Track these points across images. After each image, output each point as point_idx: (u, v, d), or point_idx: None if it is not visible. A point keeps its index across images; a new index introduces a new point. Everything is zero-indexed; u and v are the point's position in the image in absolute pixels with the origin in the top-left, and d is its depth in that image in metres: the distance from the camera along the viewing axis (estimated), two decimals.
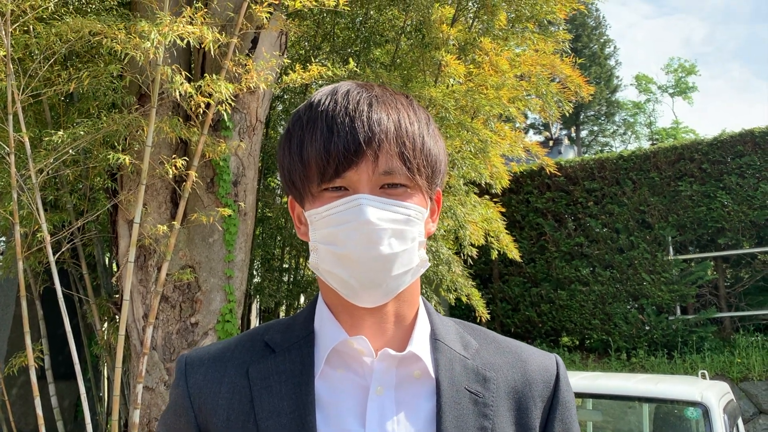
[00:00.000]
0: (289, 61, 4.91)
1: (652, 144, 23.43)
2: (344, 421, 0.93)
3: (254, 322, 7.87)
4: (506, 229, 6.69)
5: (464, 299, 6.24)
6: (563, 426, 1.02)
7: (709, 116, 68.36)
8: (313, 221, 0.96)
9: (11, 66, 3.68)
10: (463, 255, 6.04)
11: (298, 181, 0.96)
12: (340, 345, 0.96)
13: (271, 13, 4.24)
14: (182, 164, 3.99)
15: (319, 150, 0.91)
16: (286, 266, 7.47)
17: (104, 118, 3.99)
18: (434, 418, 0.94)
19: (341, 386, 0.96)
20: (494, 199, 6.90)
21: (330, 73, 4.28)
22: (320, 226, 0.94)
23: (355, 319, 0.98)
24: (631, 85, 44.81)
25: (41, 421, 3.85)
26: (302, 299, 7.26)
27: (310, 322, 1.03)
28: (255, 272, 6.93)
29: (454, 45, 6.17)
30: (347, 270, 0.92)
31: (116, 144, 4.18)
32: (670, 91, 34.14)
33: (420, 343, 0.99)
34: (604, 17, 32.45)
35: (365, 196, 0.91)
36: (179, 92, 3.71)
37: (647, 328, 8.88)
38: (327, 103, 0.95)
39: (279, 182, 7.86)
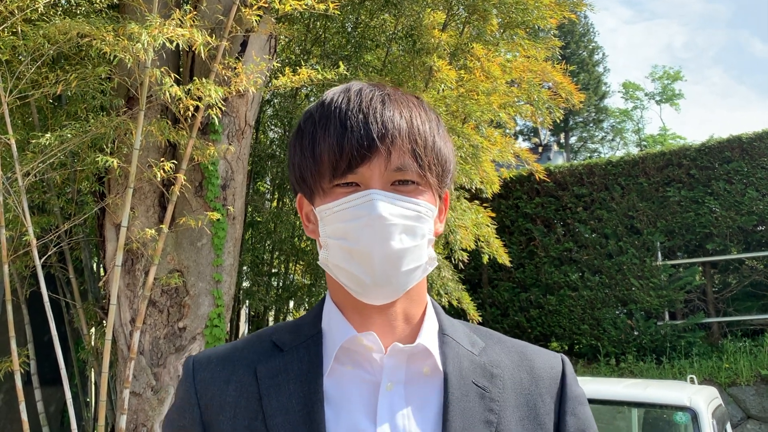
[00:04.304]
0: (279, 64, 4.90)
1: (641, 150, 23.57)
2: (354, 417, 0.94)
3: (243, 327, 7.82)
4: (495, 234, 6.69)
5: (455, 303, 6.24)
6: (577, 420, 1.02)
7: (691, 122, 68.89)
8: (323, 217, 0.96)
9: None
10: (454, 260, 6.04)
11: (309, 178, 0.97)
12: (349, 342, 0.97)
13: (260, 17, 4.22)
14: (170, 168, 3.96)
15: (332, 145, 0.92)
16: (276, 271, 7.43)
17: (92, 120, 3.96)
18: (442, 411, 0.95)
19: (350, 383, 0.97)
20: (484, 204, 6.89)
21: (320, 76, 4.28)
22: (331, 221, 0.95)
23: (364, 317, 0.99)
24: (618, 92, 45.09)
25: (26, 426, 3.81)
26: (291, 304, 7.23)
27: (318, 322, 1.03)
28: (244, 277, 6.89)
29: (445, 50, 6.18)
30: (359, 266, 0.93)
31: (104, 147, 4.14)
32: (657, 98, 34.36)
33: (429, 337, 1.00)
34: (592, 24, 32.53)
35: (377, 191, 0.92)
36: (168, 95, 3.69)
37: (636, 333, 8.90)
38: (340, 100, 0.96)
39: (268, 186, 7.83)
